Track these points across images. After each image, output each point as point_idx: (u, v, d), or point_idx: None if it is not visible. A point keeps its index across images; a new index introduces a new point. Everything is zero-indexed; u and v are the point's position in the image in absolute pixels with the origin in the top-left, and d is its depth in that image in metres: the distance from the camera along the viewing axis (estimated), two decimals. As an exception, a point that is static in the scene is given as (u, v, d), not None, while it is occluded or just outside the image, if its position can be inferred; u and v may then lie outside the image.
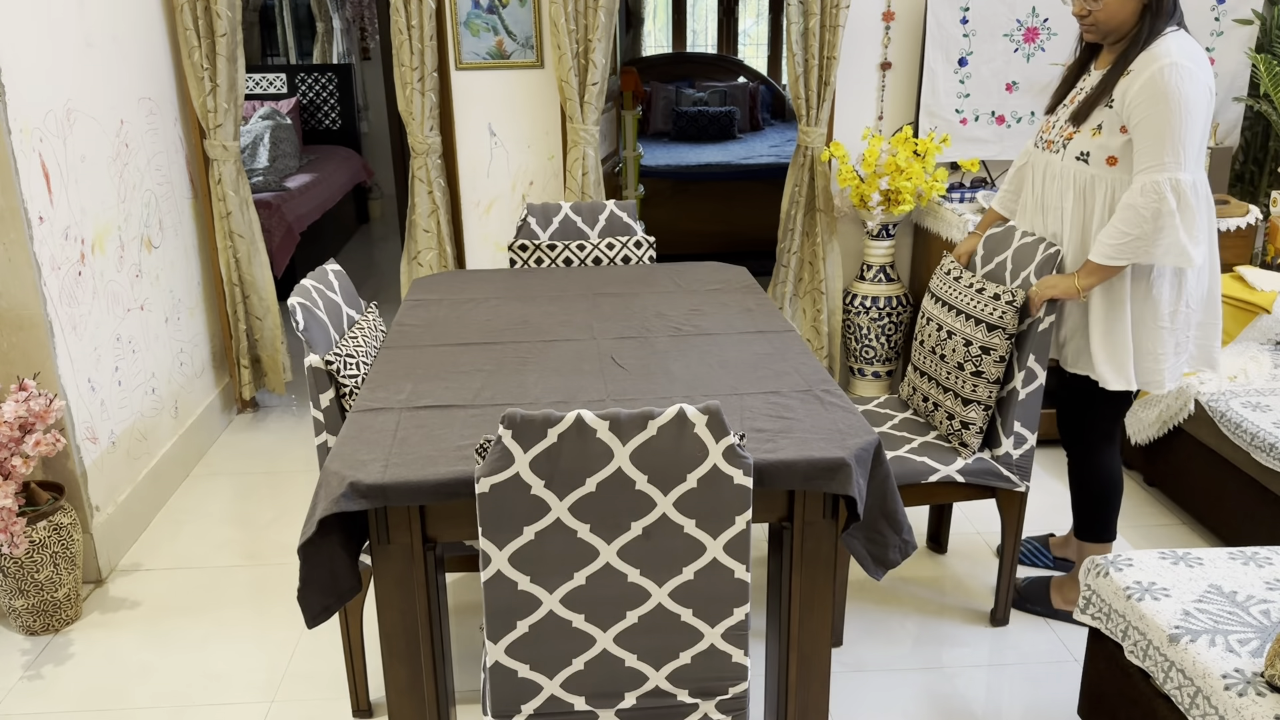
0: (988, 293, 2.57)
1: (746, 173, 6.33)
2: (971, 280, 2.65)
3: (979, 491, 2.68)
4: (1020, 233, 2.67)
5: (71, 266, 2.98)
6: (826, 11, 3.79)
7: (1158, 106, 2.31)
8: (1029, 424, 2.62)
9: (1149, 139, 2.34)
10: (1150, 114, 2.32)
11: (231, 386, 4.21)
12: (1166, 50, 2.31)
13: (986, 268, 2.75)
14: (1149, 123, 2.33)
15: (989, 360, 2.56)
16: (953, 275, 2.74)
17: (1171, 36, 2.34)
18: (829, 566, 1.96)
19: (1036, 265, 2.56)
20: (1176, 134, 2.31)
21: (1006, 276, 2.66)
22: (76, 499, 2.97)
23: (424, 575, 1.89)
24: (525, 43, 3.95)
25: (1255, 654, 1.82)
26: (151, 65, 3.61)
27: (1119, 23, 2.38)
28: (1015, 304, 2.50)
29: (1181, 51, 2.31)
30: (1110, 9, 2.37)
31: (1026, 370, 2.57)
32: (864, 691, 2.57)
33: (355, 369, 2.28)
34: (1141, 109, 2.33)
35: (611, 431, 1.61)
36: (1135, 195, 2.36)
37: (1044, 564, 3.09)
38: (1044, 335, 2.53)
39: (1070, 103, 2.57)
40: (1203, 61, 2.34)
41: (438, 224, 4.03)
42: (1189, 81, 2.29)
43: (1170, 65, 2.29)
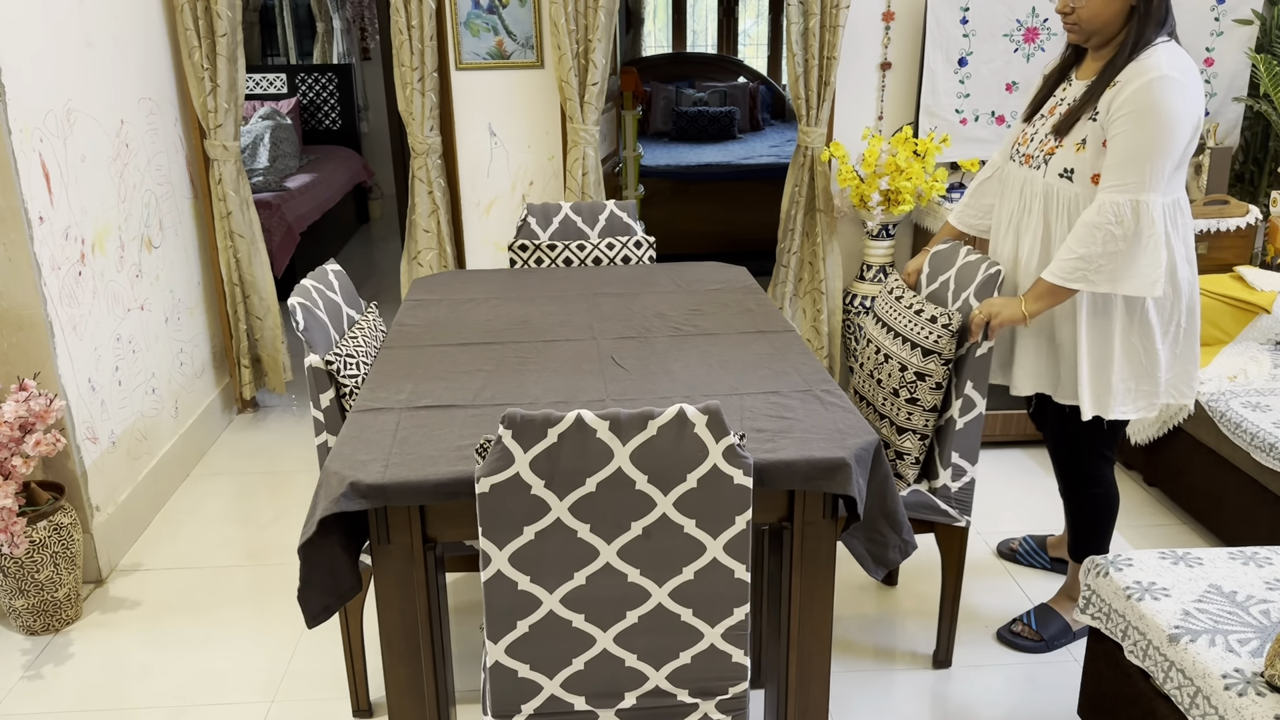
0: (925, 315, 2.42)
1: (746, 173, 6.33)
2: (911, 301, 2.50)
3: (916, 526, 2.50)
4: (965, 250, 2.53)
5: (71, 266, 2.98)
6: (826, 11, 3.79)
7: (1142, 121, 2.16)
8: (968, 455, 2.46)
9: (1123, 154, 2.19)
10: (1131, 128, 2.18)
11: (231, 386, 4.21)
12: (1157, 63, 2.17)
13: (930, 287, 2.62)
14: (1128, 137, 2.18)
15: (924, 387, 2.41)
16: (894, 295, 2.59)
17: (1163, 47, 2.21)
18: (829, 566, 1.96)
19: (976, 286, 2.43)
20: (1154, 152, 2.17)
21: (949, 297, 2.52)
22: (76, 499, 2.97)
23: (424, 575, 1.89)
24: (525, 43, 3.95)
25: (1255, 654, 1.82)
26: (152, 65, 3.61)
27: (1103, 22, 2.25)
28: (951, 328, 2.36)
29: (1173, 64, 2.17)
30: (1094, 7, 2.23)
31: (965, 398, 2.41)
32: (864, 691, 2.57)
33: (355, 369, 2.29)
34: (1123, 122, 2.19)
35: (611, 431, 1.61)
36: (1093, 213, 2.23)
37: (1040, 564, 3.06)
38: (982, 361, 2.37)
39: (1050, 113, 2.42)
40: (1195, 76, 2.21)
41: (438, 224, 4.03)
42: (1180, 96, 2.16)
43: (1161, 78, 2.15)
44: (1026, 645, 2.71)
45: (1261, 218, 3.71)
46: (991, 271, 2.40)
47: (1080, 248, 2.24)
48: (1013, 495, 3.52)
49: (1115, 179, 2.21)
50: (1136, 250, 2.22)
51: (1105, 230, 2.21)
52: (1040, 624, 2.72)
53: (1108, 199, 2.21)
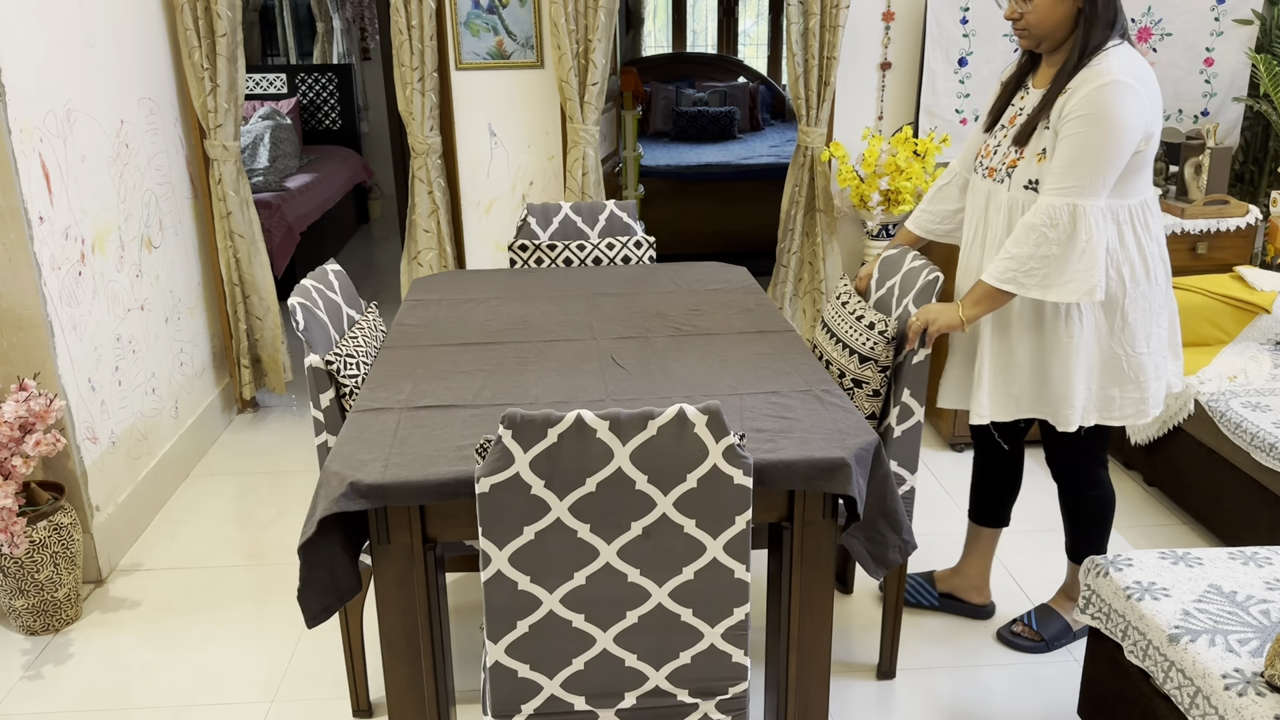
0: (864, 321, 2.43)
1: (746, 173, 6.33)
2: (855, 307, 2.50)
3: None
4: (911, 255, 2.51)
5: (71, 266, 2.98)
6: (826, 11, 3.79)
7: (1090, 125, 2.14)
8: (908, 464, 2.43)
9: (1067, 158, 2.17)
10: (1079, 131, 2.15)
11: (231, 386, 4.21)
12: (1109, 68, 2.14)
13: (878, 293, 2.61)
14: (1074, 140, 2.16)
15: (861, 394, 2.42)
16: (841, 300, 2.59)
17: (1115, 51, 2.18)
18: (829, 566, 1.96)
19: (915, 292, 2.42)
20: (1099, 157, 2.14)
21: (893, 303, 2.51)
22: (76, 499, 2.97)
23: (424, 575, 1.89)
24: (525, 43, 3.95)
25: (1255, 654, 1.82)
26: (152, 65, 3.61)
27: (1052, 26, 2.23)
28: (887, 335, 2.35)
29: (1124, 69, 2.14)
30: (1041, 12, 2.21)
31: (902, 406, 2.38)
32: (864, 691, 2.57)
33: (355, 369, 2.29)
34: (1072, 125, 2.17)
35: (611, 431, 1.61)
36: (1030, 215, 2.21)
37: (928, 603, 2.86)
38: (919, 369, 2.35)
39: (1010, 123, 2.39)
40: (1148, 81, 2.18)
41: (438, 224, 4.03)
42: (1130, 102, 2.13)
43: (1112, 83, 2.13)
44: (1027, 645, 2.71)
45: (1261, 218, 3.71)
46: (930, 278, 2.38)
47: (1014, 248, 2.23)
48: (1013, 495, 3.51)
49: (1056, 182, 2.19)
50: (1069, 255, 2.19)
51: (1039, 232, 2.19)
52: (1040, 624, 2.72)
53: (1045, 201, 2.20)
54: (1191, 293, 3.43)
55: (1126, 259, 2.29)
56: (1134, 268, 2.30)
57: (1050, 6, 2.21)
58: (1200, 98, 3.92)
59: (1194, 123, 3.94)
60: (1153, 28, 3.82)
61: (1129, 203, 2.27)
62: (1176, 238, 3.63)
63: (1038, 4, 2.21)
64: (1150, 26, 3.82)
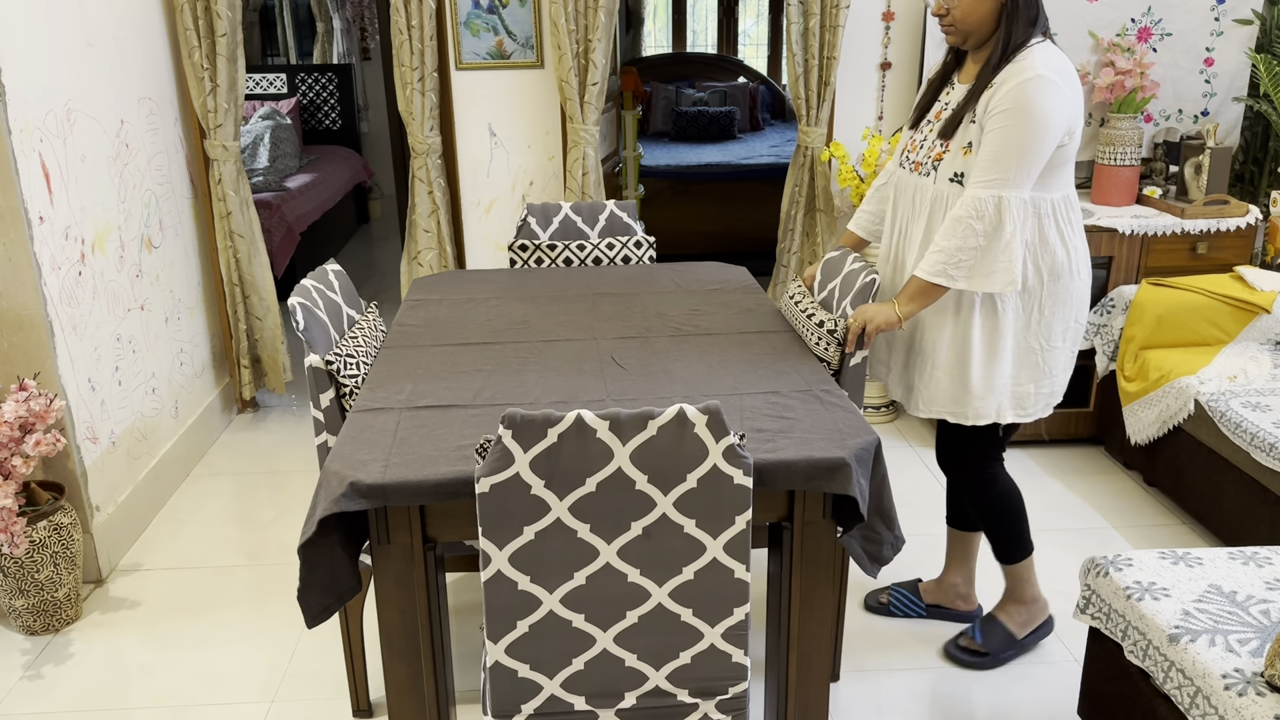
0: (814, 319, 2.43)
1: (746, 173, 6.33)
2: (807, 306, 2.51)
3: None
4: (852, 258, 2.51)
5: (72, 266, 2.98)
6: (826, 11, 3.79)
7: (1013, 120, 2.19)
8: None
9: (992, 151, 2.22)
10: (1004, 125, 2.20)
11: (231, 386, 4.21)
12: (1032, 63, 2.20)
13: (820, 295, 2.63)
14: (998, 134, 2.21)
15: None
16: (794, 300, 2.59)
17: (1038, 48, 2.23)
18: (829, 566, 1.96)
19: (853, 295, 2.42)
20: (1022, 150, 2.20)
21: (834, 305, 2.52)
22: (76, 499, 2.97)
23: (424, 575, 1.89)
24: (525, 43, 3.95)
25: (1255, 654, 1.82)
26: (152, 65, 3.61)
27: (977, 21, 2.27)
28: (836, 334, 2.35)
29: (1048, 65, 2.20)
30: (966, 6, 2.26)
31: None
32: (864, 691, 2.57)
33: (355, 369, 2.29)
34: (996, 119, 2.21)
35: (611, 431, 1.61)
36: (957, 208, 2.26)
37: (916, 613, 2.84)
38: (857, 371, 2.36)
39: (935, 118, 2.43)
40: (1070, 77, 2.23)
41: (438, 224, 4.03)
42: (1053, 97, 2.19)
43: (1035, 78, 2.18)
44: (970, 661, 2.65)
45: (1261, 218, 3.71)
46: (868, 279, 2.38)
47: (943, 241, 2.27)
48: (1013, 495, 3.51)
49: (981, 174, 2.23)
50: (994, 246, 2.24)
51: (966, 224, 2.23)
52: (985, 637, 2.65)
53: (971, 194, 2.24)
54: (1191, 293, 3.43)
55: (1047, 252, 2.33)
56: (1055, 261, 2.34)
57: (975, 3, 2.26)
58: (1200, 98, 3.92)
59: (1194, 123, 3.94)
60: (1153, 28, 3.82)
61: (1051, 197, 2.31)
62: (1176, 238, 3.63)
63: (963, 1, 2.27)
64: (1150, 26, 3.82)
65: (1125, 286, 3.60)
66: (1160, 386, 3.31)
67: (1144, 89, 3.72)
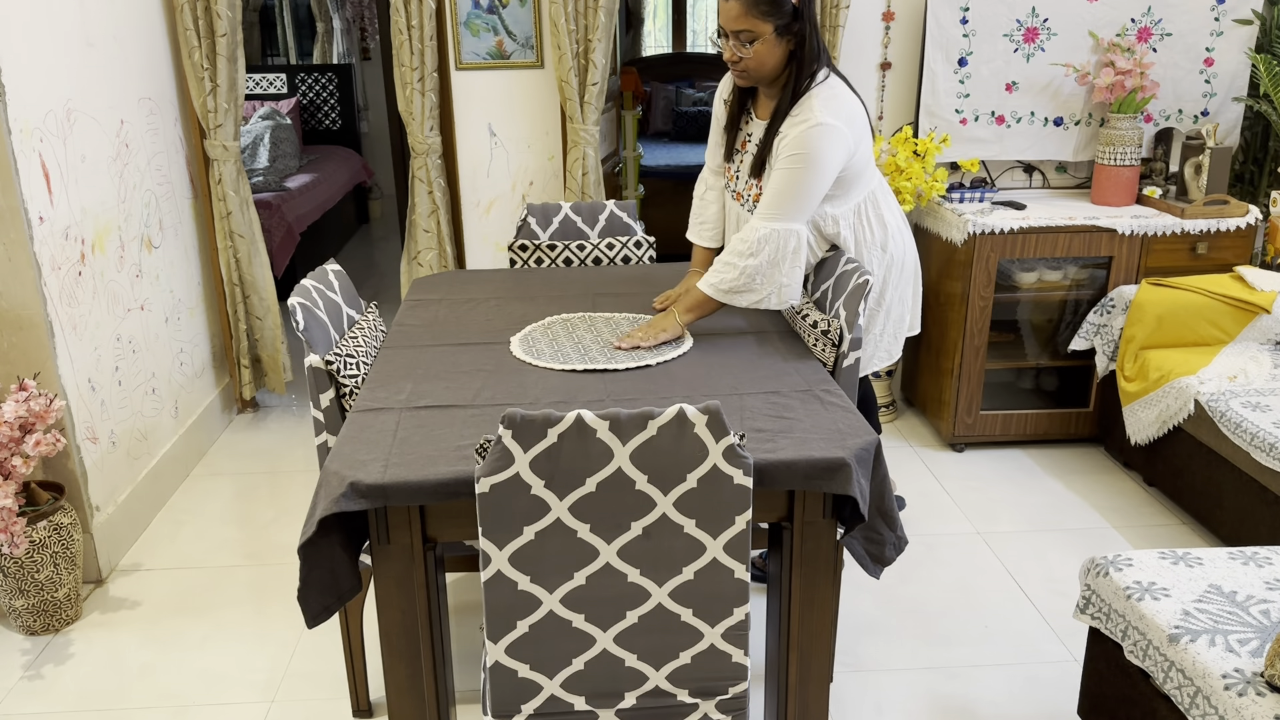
0: (809, 320, 2.48)
1: (746, 173, 6.31)
2: (801, 307, 2.55)
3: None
4: (845, 259, 2.56)
5: (71, 266, 2.98)
6: (826, 11, 3.79)
7: (796, 164, 2.40)
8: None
9: (774, 189, 2.43)
10: (787, 168, 2.41)
11: (231, 386, 4.21)
12: (811, 109, 2.40)
13: (814, 295, 2.65)
14: (781, 175, 2.42)
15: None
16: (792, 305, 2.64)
17: (820, 90, 2.43)
18: (829, 566, 1.96)
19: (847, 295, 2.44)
20: (800, 191, 2.42)
21: (828, 305, 2.55)
22: (76, 499, 2.97)
23: (424, 575, 1.89)
24: (525, 43, 3.95)
25: (1255, 654, 1.82)
26: (152, 65, 3.61)
27: (769, 69, 2.45)
28: (830, 334, 2.39)
29: (825, 108, 2.40)
30: (760, 57, 2.42)
31: None
32: (864, 691, 2.57)
33: (355, 369, 2.29)
34: (783, 162, 2.42)
35: (611, 431, 1.61)
36: (737, 238, 2.47)
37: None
38: (851, 370, 2.38)
39: (742, 148, 2.66)
40: (850, 115, 2.44)
41: (438, 224, 4.03)
42: (831, 142, 2.40)
43: (814, 127, 2.38)
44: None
45: (1261, 218, 3.71)
46: (860, 280, 2.39)
47: (725, 260, 2.48)
48: (1012, 495, 3.52)
49: (763, 209, 2.46)
50: (765, 272, 2.45)
51: (740, 252, 2.45)
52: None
53: (752, 225, 2.46)
54: (1191, 293, 3.43)
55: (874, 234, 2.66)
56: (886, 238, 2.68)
57: (767, 52, 2.43)
58: (1200, 98, 3.92)
59: (1194, 123, 3.94)
60: (1153, 28, 3.82)
61: (858, 200, 2.62)
62: (1176, 238, 3.63)
63: (757, 51, 2.42)
64: (1150, 26, 3.82)
65: (1125, 286, 3.60)
66: (1160, 386, 3.31)
67: (1144, 89, 3.72)
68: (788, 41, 2.43)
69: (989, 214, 3.66)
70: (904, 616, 2.86)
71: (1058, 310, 3.89)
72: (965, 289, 3.64)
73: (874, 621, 2.84)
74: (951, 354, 3.76)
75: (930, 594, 2.96)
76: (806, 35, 2.43)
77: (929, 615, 2.86)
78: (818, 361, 2.34)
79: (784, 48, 2.43)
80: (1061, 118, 3.93)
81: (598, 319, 2.61)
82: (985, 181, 4.10)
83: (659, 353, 2.36)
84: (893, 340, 2.84)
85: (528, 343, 2.45)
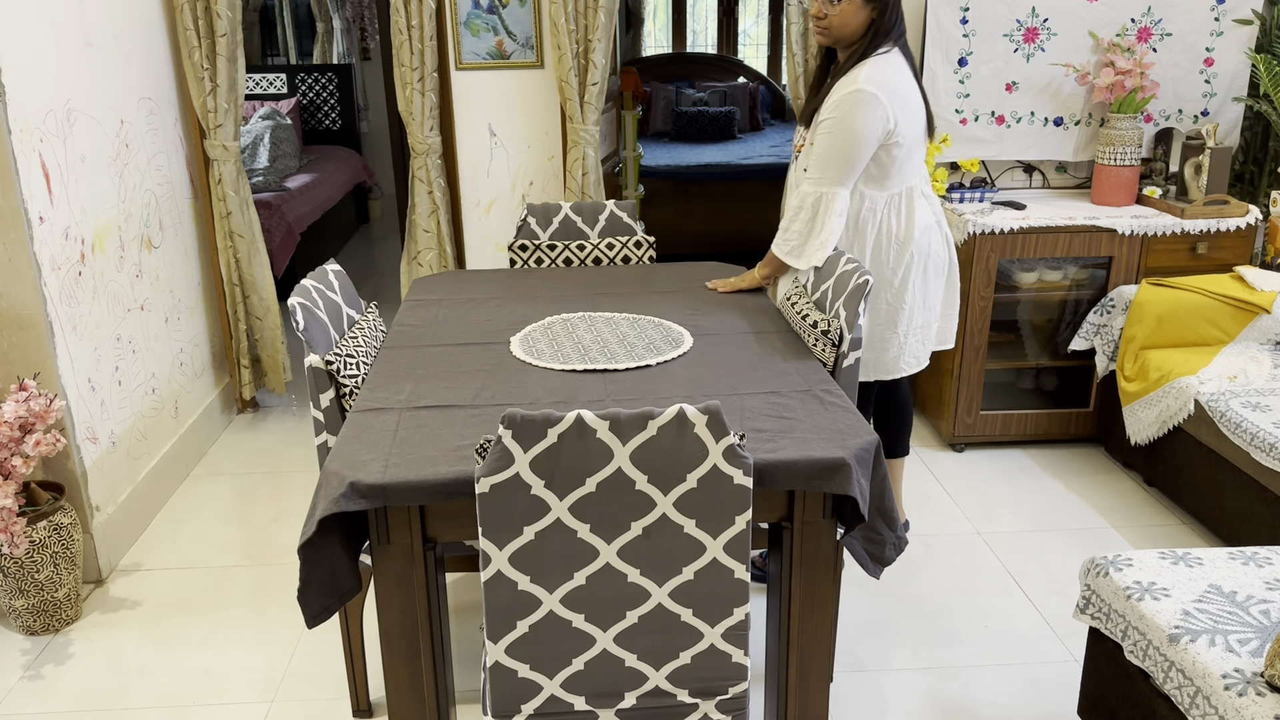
0: (809, 320, 2.48)
1: (746, 173, 6.33)
2: (803, 308, 2.55)
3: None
4: (845, 258, 2.57)
5: (71, 266, 2.98)
6: (826, 11, 3.79)
7: (832, 127, 2.53)
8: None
9: (818, 154, 2.59)
10: (825, 132, 2.55)
11: (231, 386, 4.21)
12: (856, 77, 2.52)
13: (814, 295, 2.66)
14: (821, 141, 2.57)
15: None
16: (790, 301, 2.65)
17: (875, 59, 2.54)
18: (829, 566, 1.96)
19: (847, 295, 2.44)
20: (836, 153, 2.54)
21: (828, 305, 2.56)
22: (76, 499, 2.97)
23: (424, 575, 1.89)
24: (525, 43, 3.95)
25: (1255, 654, 1.82)
26: (151, 65, 3.61)
27: (850, 31, 2.56)
28: (830, 335, 2.39)
29: (870, 79, 2.51)
30: (844, 16, 2.54)
31: None
32: (864, 691, 2.57)
33: (355, 369, 2.29)
34: (824, 125, 2.56)
35: (611, 431, 1.61)
36: (796, 199, 2.65)
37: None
38: (850, 371, 2.38)
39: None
40: (895, 86, 2.53)
41: (438, 224, 4.03)
42: (866, 108, 2.50)
43: (854, 92, 2.50)
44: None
45: (1261, 218, 3.71)
46: (860, 280, 2.39)
47: (784, 224, 2.69)
48: (1012, 495, 3.52)
49: (810, 173, 2.62)
50: (811, 234, 2.62)
51: (793, 214, 2.65)
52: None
53: (802, 190, 2.64)
54: (1191, 293, 3.43)
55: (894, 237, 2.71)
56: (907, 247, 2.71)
57: (851, 14, 2.55)
58: (1200, 98, 3.92)
59: (1194, 123, 3.94)
60: (1153, 28, 3.82)
61: (891, 192, 2.68)
62: (1176, 238, 3.63)
63: (842, 10, 2.55)
64: (1150, 26, 3.82)
65: (1125, 286, 3.60)
66: (1160, 386, 3.31)
67: (1144, 89, 3.72)
68: (871, 9, 2.55)
69: (989, 214, 3.66)
70: (904, 616, 2.86)
71: (1058, 310, 3.89)
72: (965, 289, 3.64)
73: (874, 621, 2.84)
74: (951, 354, 3.76)
75: (930, 594, 2.96)
76: (889, 7, 2.55)
77: (929, 615, 2.86)
78: (818, 361, 2.34)
79: (867, 14, 2.55)
80: (1061, 118, 3.93)
81: (598, 319, 2.61)
82: (985, 181, 4.10)
83: (659, 353, 2.37)
84: (920, 345, 2.85)
85: (528, 343, 2.45)
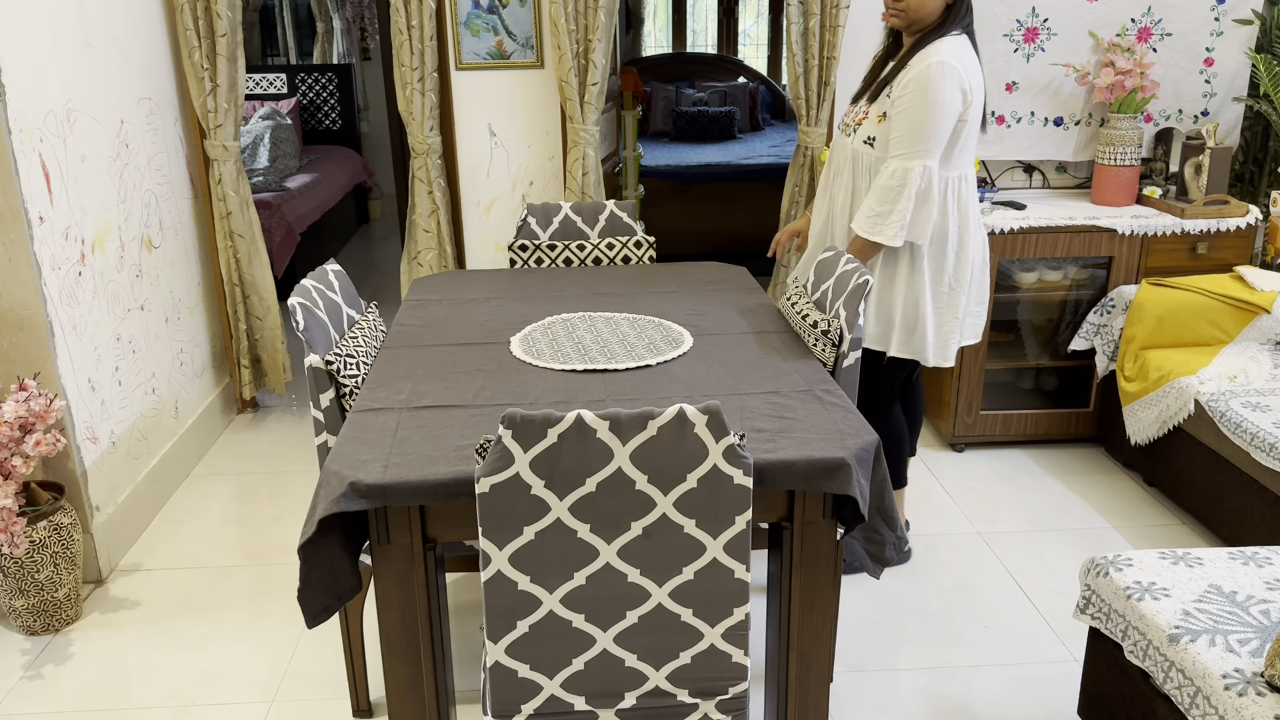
0: (809, 320, 2.47)
1: (746, 173, 6.33)
2: (803, 308, 2.54)
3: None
4: (845, 259, 2.57)
5: (72, 266, 2.98)
6: (826, 11, 3.79)
7: (918, 99, 2.53)
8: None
9: (904, 127, 2.57)
10: (910, 105, 2.55)
11: (231, 386, 4.21)
12: (937, 49, 2.54)
13: (813, 296, 2.66)
14: (907, 113, 2.56)
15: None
16: (790, 301, 2.65)
17: (949, 38, 2.56)
18: (829, 566, 1.96)
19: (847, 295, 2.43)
20: (923, 124, 2.54)
21: (827, 305, 2.55)
22: (76, 499, 2.97)
23: (424, 575, 1.89)
24: (525, 43, 3.95)
25: (1255, 654, 1.82)
26: (152, 65, 3.61)
27: (926, 13, 2.58)
28: (830, 335, 2.39)
29: (950, 52, 2.53)
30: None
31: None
32: (864, 691, 2.57)
33: (355, 369, 2.29)
34: (904, 100, 2.56)
35: (611, 431, 1.61)
36: (885, 177, 2.60)
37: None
38: (850, 371, 2.37)
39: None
40: (970, 66, 2.57)
41: (438, 224, 4.03)
42: (950, 79, 2.52)
43: (938, 63, 2.51)
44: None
45: (1261, 218, 3.71)
46: (860, 280, 2.39)
47: (876, 205, 2.63)
48: (1012, 495, 3.52)
49: (895, 148, 2.61)
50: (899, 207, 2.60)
51: (883, 189, 2.60)
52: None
53: (896, 164, 2.60)
54: (1191, 293, 3.43)
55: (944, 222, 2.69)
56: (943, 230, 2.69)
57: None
58: (1200, 98, 3.92)
59: (1194, 123, 3.94)
60: (1153, 28, 3.82)
61: (948, 175, 2.66)
62: (1176, 238, 3.63)
63: None
64: (1150, 26, 3.82)
65: (1125, 286, 3.60)
66: (1160, 386, 3.31)
67: (1144, 89, 3.72)
68: None
69: (989, 214, 3.66)
70: (904, 616, 2.86)
71: (1058, 310, 3.89)
72: (965, 289, 3.64)
73: (874, 621, 2.84)
74: (951, 354, 3.75)
75: (930, 594, 2.96)
76: None
77: (929, 615, 2.87)
78: (818, 361, 2.34)
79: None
80: (1061, 118, 3.93)
81: (598, 319, 2.61)
82: (985, 181, 4.10)
83: (659, 353, 2.37)
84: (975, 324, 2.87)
85: (528, 343, 2.45)
